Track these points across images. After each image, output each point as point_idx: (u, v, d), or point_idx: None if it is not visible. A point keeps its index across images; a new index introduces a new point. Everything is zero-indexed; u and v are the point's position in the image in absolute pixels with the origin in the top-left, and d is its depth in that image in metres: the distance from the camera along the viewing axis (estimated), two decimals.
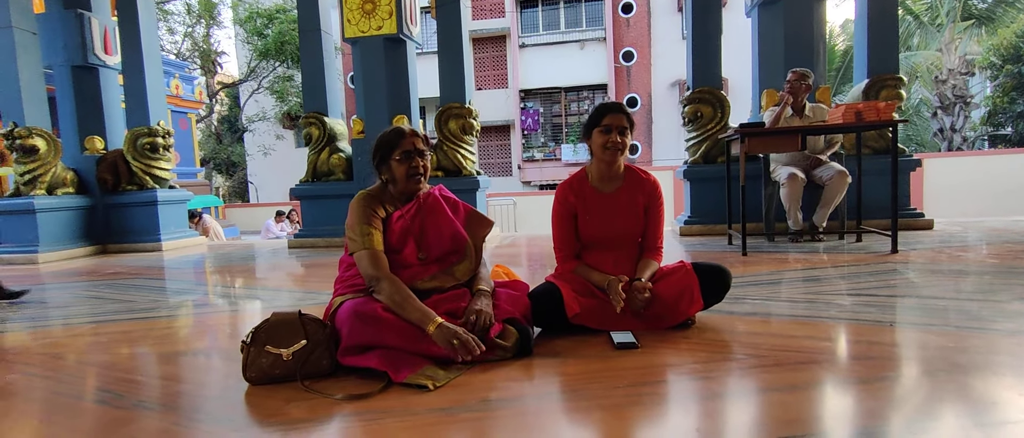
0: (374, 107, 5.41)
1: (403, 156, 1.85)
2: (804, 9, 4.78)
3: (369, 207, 1.84)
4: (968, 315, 2.07)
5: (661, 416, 1.35)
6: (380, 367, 1.57)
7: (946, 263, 3.11)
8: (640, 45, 19.20)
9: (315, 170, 5.63)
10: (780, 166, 4.23)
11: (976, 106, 16.20)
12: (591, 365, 1.66)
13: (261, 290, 3.50)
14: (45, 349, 2.17)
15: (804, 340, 1.83)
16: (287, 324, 1.63)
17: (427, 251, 1.89)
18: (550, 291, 1.97)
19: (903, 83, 4.73)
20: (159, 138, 5.92)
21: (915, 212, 4.78)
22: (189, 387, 1.72)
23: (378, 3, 5.27)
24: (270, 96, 19.77)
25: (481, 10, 19.85)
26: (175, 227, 6.15)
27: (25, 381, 1.77)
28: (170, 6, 19.07)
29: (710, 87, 5.05)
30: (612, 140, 1.97)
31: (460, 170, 5.38)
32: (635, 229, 2.09)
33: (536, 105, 20.47)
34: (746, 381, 1.52)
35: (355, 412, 1.40)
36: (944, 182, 9.82)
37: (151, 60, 5.98)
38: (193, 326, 2.60)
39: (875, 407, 1.31)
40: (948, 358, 1.60)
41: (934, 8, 14.60)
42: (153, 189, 5.92)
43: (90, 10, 5.83)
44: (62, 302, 3.20)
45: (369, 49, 5.36)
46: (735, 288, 2.40)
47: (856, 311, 2.16)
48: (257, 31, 18.31)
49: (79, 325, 2.55)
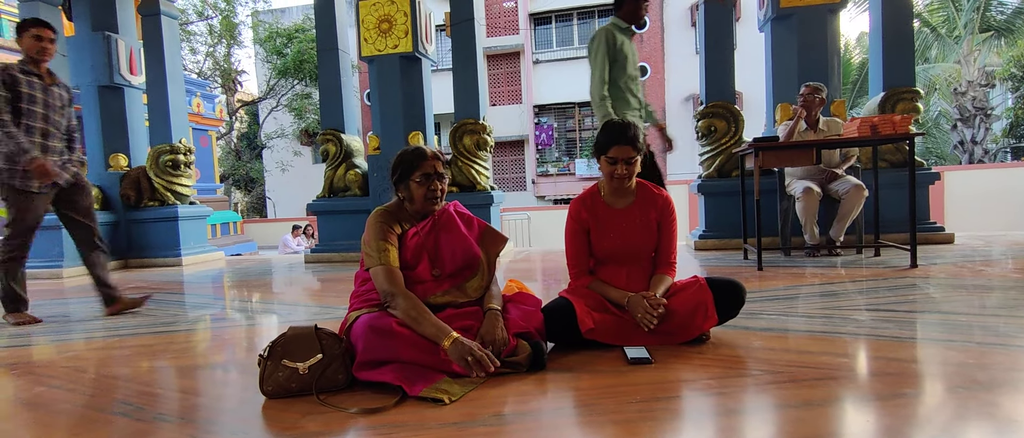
0: (390, 124, 5.49)
1: (423, 178, 1.87)
2: (818, 22, 4.77)
3: (385, 224, 1.87)
4: (990, 331, 2.03)
5: (675, 432, 1.34)
6: (395, 381, 1.59)
7: (967, 278, 3.06)
8: (654, 60, 19.23)
9: (332, 186, 5.71)
10: (795, 180, 4.21)
11: (997, 118, 15.93)
12: (604, 380, 1.66)
13: (278, 305, 3.55)
14: (69, 362, 2.22)
15: (821, 356, 1.81)
16: (303, 338, 1.65)
17: (441, 268, 1.91)
18: (563, 306, 1.98)
19: (920, 96, 4.69)
20: (181, 155, 6.05)
21: (935, 226, 4.71)
22: (207, 400, 1.74)
23: (394, 22, 5.37)
24: (288, 113, 20.11)
25: (495, 27, 20.07)
26: (195, 242, 6.26)
27: (50, 394, 1.82)
28: (193, 27, 19.57)
29: (724, 101, 5.05)
30: (618, 172, 1.99)
31: (474, 185, 5.42)
32: (648, 244, 2.09)
33: (550, 120, 20.55)
34: (761, 397, 1.51)
35: (370, 426, 1.41)
36: (965, 195, 9.64)
37: (174, 80, 6.15)
38: (211, 340, 2.64)
39: (893, 425, 1.29)
40: (968, 375, 1.57)
41: (952, 20, 14.45)
42: (174, 205, 6.05)
43: (117, 32, 6.01)
44: (85, 316, 3.27)
45: (385, 67, 5.46)
46: (751, 303, 2.39)
47: (874, 327, 2.13)
48: (276, 50, 18.71)
49: (101, 339, 2.61)
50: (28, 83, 2.98)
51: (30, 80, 2.99)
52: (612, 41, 3.18)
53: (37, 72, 3.04)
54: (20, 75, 2.96)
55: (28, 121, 2.97)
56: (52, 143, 3.08)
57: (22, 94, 2.94)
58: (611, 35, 3.18)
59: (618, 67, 3.20)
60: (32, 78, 3.01)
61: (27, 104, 2.96)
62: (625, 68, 3.22)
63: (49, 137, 3.06)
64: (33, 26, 3.03)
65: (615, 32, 3.21)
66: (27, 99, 2.96)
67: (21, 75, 2.97)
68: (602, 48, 3.16)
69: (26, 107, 2.96)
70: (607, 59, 3.16)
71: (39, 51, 3.03)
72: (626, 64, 3.22)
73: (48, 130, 3.06)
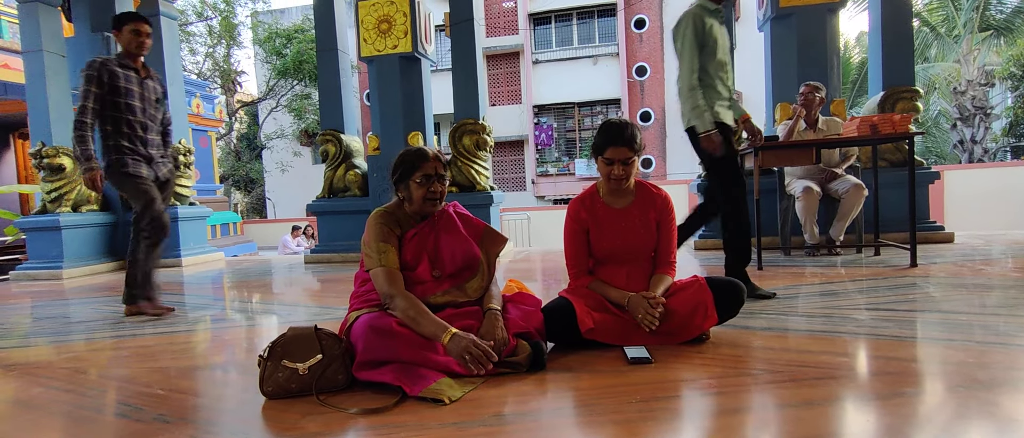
0: (389, 124, 5.49)
1: (423, 179, 1.87)
2: (817, 22, 4.77)
3: (385, 225, 1.87)
4: (990, 330, 2.03)
5: (675, 432, 1.34)
6: (395, 382, 1.59)
7: (967, 277, 3.06)
8: (653, 60, 19.23)
9: (331, 186, 5.71)
10: (795, 180, 4.20)
11: (997, 117, 15.92)
12: (604, 380, 1.66)
13: (278, 305, 3.55)
14: (68, 363, 2.22)
15: (821, 355, 1.81)
16: (303, 339, 1.65)
17: (441, 268, 1.91)
18: (563, 306, 1.98)
19: (919, 95, 4.68)
20: (180, 156, 6.05)
21: (935, 225, 4.70)
22: (207, 401, 1.74)
23: (394, 23, 5.37)
24: (288, 114, 20.11)
25: (495, 28, 20.07)
26: (195, 243, 6.25)
27: (49, 395, 1.81)
28: (192, 28, 19.57)
29: None
30: (615, 173, 1.99)
31: (474, 185, 5.41)
32: (648, 244, 2.09)
33: (550, 120, 20.55)
34: (762, 397, 1.51)
35: (370, 426, 1.41)
36: (965, 194, 9.63)
37: (173, 80, 6.14)
38: (211, 341, 2.64)
39: (894, 424, 1.29)
40: (969, 374, 1.57)
41: (951, 19, 14.44)
42: (174, 206, 6.03)
43: None
44: (85, 317, 3.27)
45: (385, 67, 5.45)
46: (750, 303, 2.39)
47: (874, 326, 2.13)
48: (276, 51, 18.70)
49: (101, 340, 2.61)
50: (126, 77, 2.99)
51: (127, 74, 3.00)
52: (701, 25, 2.84)
53: (134, 66, 3.06)
54: (118, 69, 2.97)
55: (128, 115, 2.99)
56: (150, 136, 3.10)
57: (120, 88, 2.96)
58: (699, 18, 2.85)
59: (707, 53, 2.86)
60: (129, 72, 3.02)
61: (126, 98, 2.98)
62: (715, 54, 2.88)
63: (147, 130, 3.08)
64: (131, 21, 3.03)
65: (703, 15, 2.86)
66: (125, 93, 2.98)
67: (119, 69, 2.97)
68: (690, 33, 2.84)
69: (125, 101, 2.98)
70: (697, 44, 2.84)
71: (137, 46, 3.04)
72: (715, 49, 2.88)
73: (146, 124, 3.08)
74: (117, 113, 2.97)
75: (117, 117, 2.97)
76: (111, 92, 2.94)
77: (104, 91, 2.93)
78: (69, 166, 5.53)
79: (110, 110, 2.97)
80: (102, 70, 2.92)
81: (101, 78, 2.91)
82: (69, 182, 5.56)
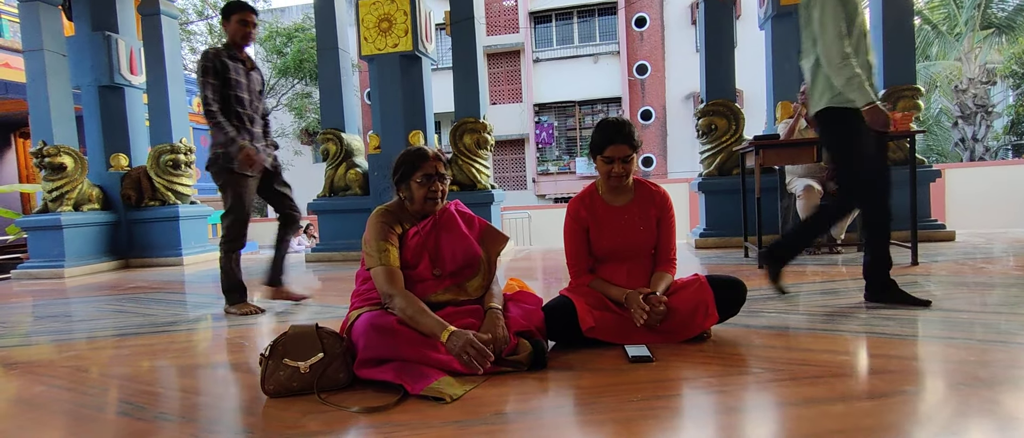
0: (390, 123, 5.49)
1: (424, 179, 1.87)
2: None
3: (386, 224, 1.87)
4: (991, 328, 2.03)
5: (676, 430, 1.34)
6: (396, 380, 1.59)
7: (968, 275, 3.06)
8: (654, 58, 19.21)
9: (332, 185, 5.71)
10: (796, 178, 4.20)
11: (998, 115, 15.89)
12: (605, 378, 1.66)
13: (279, 303, 3.55)
14: (70, 362, 2.22)
15: (822, 354, 1.81)
16: (305, 337, 1.65)
17: (442, 267, 1.91)
18: (564, 305, 1.98)
19: (920, 93, 4.68)
20: (181, 155, 6.05)
21: (936, 223, 4.70)
22: (208, 399, 1.75)
23: (394, 21, 5.36)
24: (289, 113, 20.11)
25: (495, 26, 20.04)
26: (196, 242, 6.26)
27: (50, 393, 1.82)
28: (193, 26, 19.57)
29: (724, 99, 5.04)
30: (615, 171, 1.98)
31: (475, 184, 5.41)
32: (648, 242, 2.09)
33: (550, 119, 20.53)
34: (762, 395, 1.51)
35: (371, 425, 1.41)
36: (966, 193, 9.61)
37: (174, 79, 6.14)
38: (212, 339, 2.64)
39: (895, 422, 1.29)
40: (970, 372, 1.57)
41: (952, 17, 14.41)
42: (175, 205, 6.05)
43: (117, 32, 6.01)
44: (86, 316, 3.27)
45: (385, 66, 5.45)
46: (751, 301, 2.39)
47: (875, 324, 2.12)
48: (276, 50, 18.70)
49: (102, 338, 2.61)
50: (235, 68, 2.98)
51: (236, 66, 2.99)
52: None
53: (240, 57, 3.04)
54: (228, 60, 2.95)
55: (237, 107, 2.97)
56: (255, 129, 3.09)
57: (231, 80, 2.94)
58: None
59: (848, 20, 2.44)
60: (238, 63, 3.01)
61: (235, 90, 2.96)
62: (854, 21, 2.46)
63: (253, 122, 3.07)
64: (239, 11, 3.00)
65: None
66: (235, 85, 2.96)
67: (229, 60, 2.95)
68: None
69: (235, 93, 2.96)
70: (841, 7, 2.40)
71: (242, 36, 3.02)
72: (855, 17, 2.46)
73: (252, 116, 3.07)
74: (227, 105, 2.94)
75: (227, 109, 2.94)
76: (223, 84, 2.93)
77: (218, 81, 2.91)
78: (70, 165, 5.53)
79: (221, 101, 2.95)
80: (214, 61, 2.90)
81: (215, 69, 2.89)
82: (70, 181, 5.56)
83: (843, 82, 2.39)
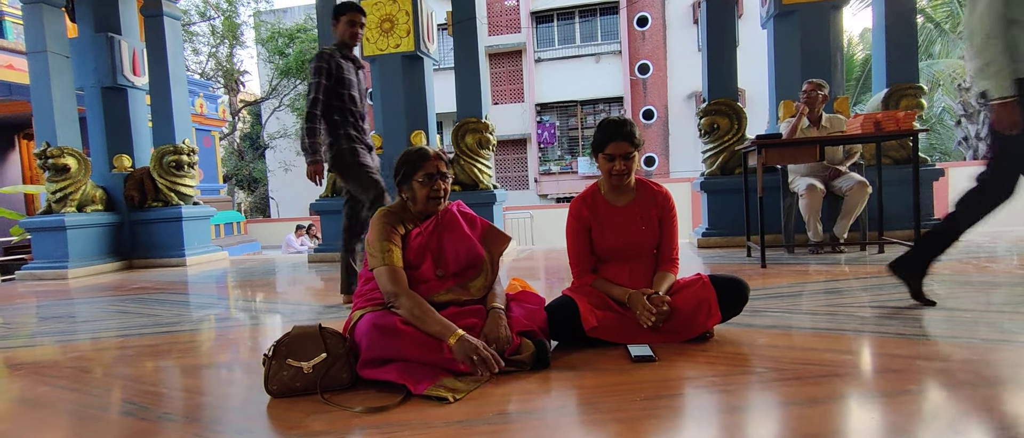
0: (392, 123, 5.49)
1: (426, 178, 1.88)
2: (820, 19, 4.75)
3: (389, 224, 1.88)
4: (995, 327, 2.02)
5: (679, 430, 1.34)
6: (399, 380, 1.59)
7: (972, 274, 3.05)
8: (656, 58, 19.19)
9: (335, 185, 5.72)
10: (798, 177, 4.19)
11: None
12: (608, 378, 1.66)
13: (281, 304, 3.55)
14: (73, 362, 2.23)
15: (825, 353, 1.81)
16: (308, 337, 1.66)
17: (444, 267, 1.91)
18: (566, 305, 1.98)
19: (923, 92, 4.66)
20: (184, 155, 6.06)
21: (939, 222, 4.68)
22: (212, 399, 1.75)
23: (396, 22, 5.37)
24: (291, 113, 20.15)
25: (497, 26, 20.05)
26: (199, 242, 6.27)
27: (54, 393, 1.82)
28: (195, 28, 19.61)
29: (726, 99, 5.03)
30: (617, 169, 1.98)
31: (477, 184, 5.41)
32: (650, 241, 2.09)
33: (552, 118, 20.52)
34: (766, 395, 1.51)
35: (374, 424, 1.41)
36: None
37: (177, 80, 6.16)
38: (216, 340, 2.65)
39: (898, 421, 1.29)
40: (974, 371, 1.57)
41: (955, 15, 14.37)
42: (178, 205, 6.06)
43: (120, 34, 6.03)
44: (90, 316, 3.28)
45: (387, 66, 5.46)
46: (754, 301, 2.39)
47: (878, 323, 2.12)
48: (279, 50, 18.75)
49: (106, 339, 2.62)
50: (347, 68, 3.00)
51: (348, 65, 3.01)
52: None
53: (351, 57, 3.06)
54: (342, 61, 2.98)
55: (351, 106, 2.99)
56: (363, 124, 3.10)
57: (345, 80, 2.97)
58: None
59: None
60: (349, 63, 3.03)
61: (349, 89, 2.99)
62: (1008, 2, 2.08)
63: (363, 119, 3.09)
64: (348, 11, 3.02)
65: None
66: (348, 84, 2.98)
67: (343, 61, 2.98)
68: None
69: (347, 92, 2.98)
70: None
71: (351, 36, 3.04)
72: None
73: (363, 112, 3.08)
74: (341, 104, 2.97)
75: (342, 107, 2.97)
76: (337, 83, 2.95)
77: (331, 83, 2.93)
78: (74, 166, 5.55)
79: (336, 101, 2.97)
80: (330, 62, 2.92)
81: (330, 69, 2.91)
82: (74, 182, 5.58)
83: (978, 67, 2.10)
